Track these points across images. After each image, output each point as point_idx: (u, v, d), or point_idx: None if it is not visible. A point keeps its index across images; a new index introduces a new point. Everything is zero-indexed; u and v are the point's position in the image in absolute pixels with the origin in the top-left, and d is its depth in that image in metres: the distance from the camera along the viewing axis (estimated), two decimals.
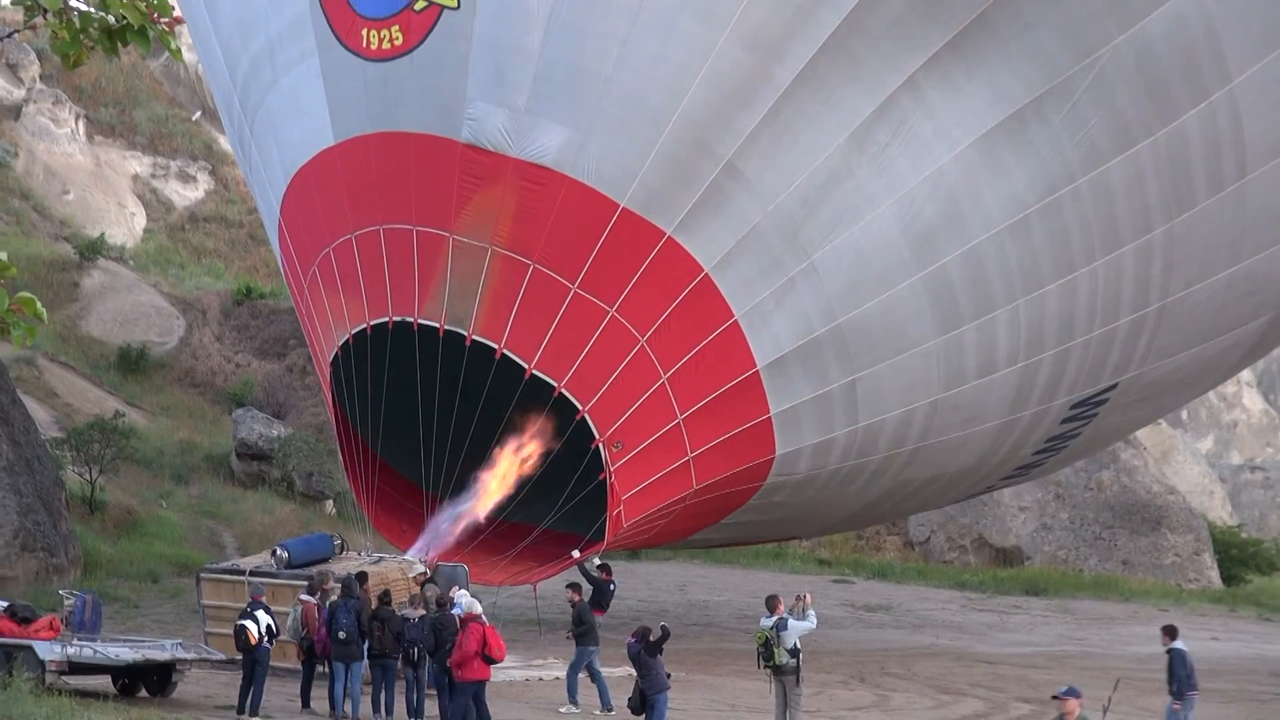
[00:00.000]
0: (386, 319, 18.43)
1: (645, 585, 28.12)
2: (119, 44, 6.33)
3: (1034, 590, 30.78)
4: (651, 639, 15.40)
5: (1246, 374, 57.14)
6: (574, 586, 17.65)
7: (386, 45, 18.28)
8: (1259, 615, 30.39)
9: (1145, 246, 18.81)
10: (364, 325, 18.58)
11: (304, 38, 17.99)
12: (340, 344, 18.62)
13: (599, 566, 19.07)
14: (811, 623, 16.56)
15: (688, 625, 24.42)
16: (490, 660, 15.39)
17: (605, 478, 18.07)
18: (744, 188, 17.98)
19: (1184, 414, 50.24)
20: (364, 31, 18.19)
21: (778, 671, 16.27)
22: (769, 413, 18.70)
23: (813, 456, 19.51)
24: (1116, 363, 20.19)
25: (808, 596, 16.86)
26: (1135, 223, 18.54)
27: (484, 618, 15.44)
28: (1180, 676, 16.05)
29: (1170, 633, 16.55)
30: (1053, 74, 17.99)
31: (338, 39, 18.27)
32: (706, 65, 17.57)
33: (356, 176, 18.29)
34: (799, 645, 16.31)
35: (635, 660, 15.65)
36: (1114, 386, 20.67)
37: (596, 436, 18.14)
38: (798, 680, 16.39)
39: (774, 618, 16.24)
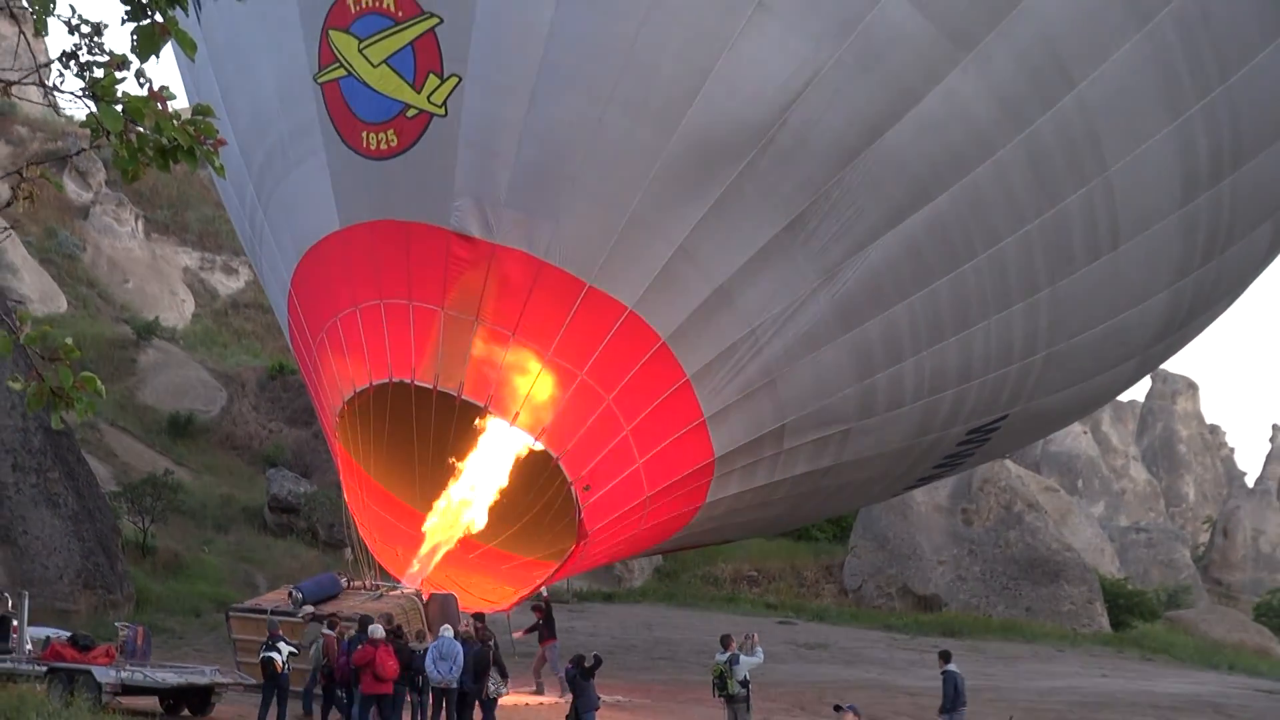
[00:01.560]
0: (387, 379, 17.87)
1: (618, 625, 28.09)
2: (171, 161, 6.22)
3: (950, 632, 30.64)
4: (585, 665, 15.74)
5: (1132, 449, 56.84)
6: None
7: (384, 146, 17.59)
8: (1142, 656, 30.64)
9: (1033, 305, 18.47)
10: (368, 384, 18.08)
11: (312, 137, 17.47)
12: (346, 399, 18.25)
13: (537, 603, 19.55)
14: (759, 658, 16.96)
15: (654, 659, 24.37)
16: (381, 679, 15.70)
17: (576, 515, 17.72)
18: (693, 267, 17.30)
19: (1079, 483, 49.60)
20: (364, 134, 17.57)
21: (730, 700, 16.58)
22: (713, 456, 18.36)
23: (740, 482, 19.36)
24: (1008, 398, 19.97)
25: (755, 635, 17.22)
26: (1024, 286, 18.15)
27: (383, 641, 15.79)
28: (948, 695, 16.37)
29: (944, 658, 16.88)
30: (954, 159, 17.17)
31: (341, 139, 17.69)
32: (658, 165, 16.77)
33: (360, 257, 17.83)
34: (749, 677, 16.68)
35: (571, 683, 15.99)
36: (1005, 417, 20.52)
37: (569, 481, 17.61)
38: (748, 708, 16.68)
39: (727, 653, 16.64)
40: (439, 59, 16.82)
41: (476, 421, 17.83)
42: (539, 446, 17.67)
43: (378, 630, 15.59)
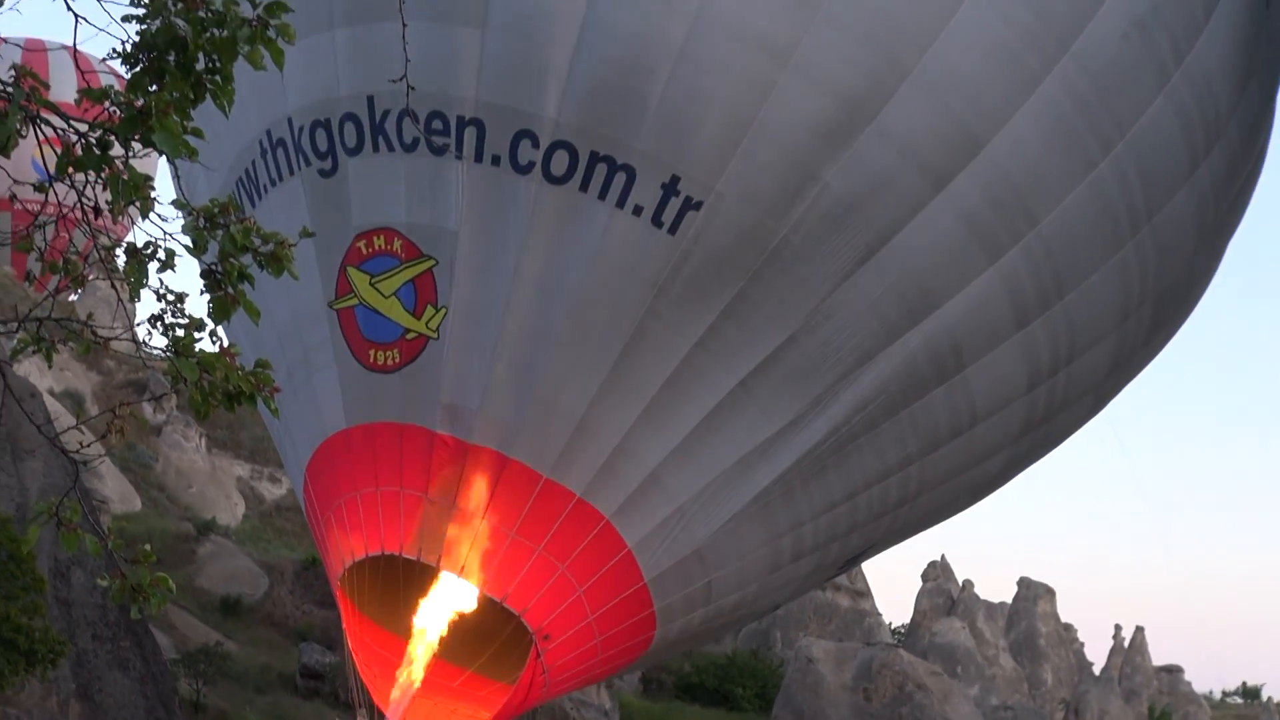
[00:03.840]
0: (380, 552, 17.95)
1: None
2: (235, 404, 6.36)
3: None
4: None
5: (1002, 642, 58.19)
6: None
7: (388, 362, 17.59)
8: None
9: (905, 475, 19.08)
10: (364, 555, 18.17)
11: (327, 353, 18.06)
12: (347, 567, 18.50)
13: None
14: None
15: None
16: None
17: (539, 656, 17.87)
18: (631, 462, 17.45)
19: (959, 669, 50.41)
20: (371, 351, 17.62)
21: None
22: (653, 608, 18.59)
23: (683, 626, 19.63)
24: (881, 536, 21.04)
25: None
26: (900, 459, 18.71)
27: None
28: None
29: None
30: (844, 372, 17.42)
31: (352, 356, 17.73)
32: (598, 383, 16.99)
33: (361, 452, 18.06)
34: None
35: None
36: (874, 545, 21.58)
37: (531, 633, 17.78)
38: None
39: None
40: (434, 292, 17.17)
41: (452, 587, 18.11)
42: (506, 606, 17.85)
43: None
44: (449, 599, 18.33)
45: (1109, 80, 16.38)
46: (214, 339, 6.48)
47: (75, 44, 6.65)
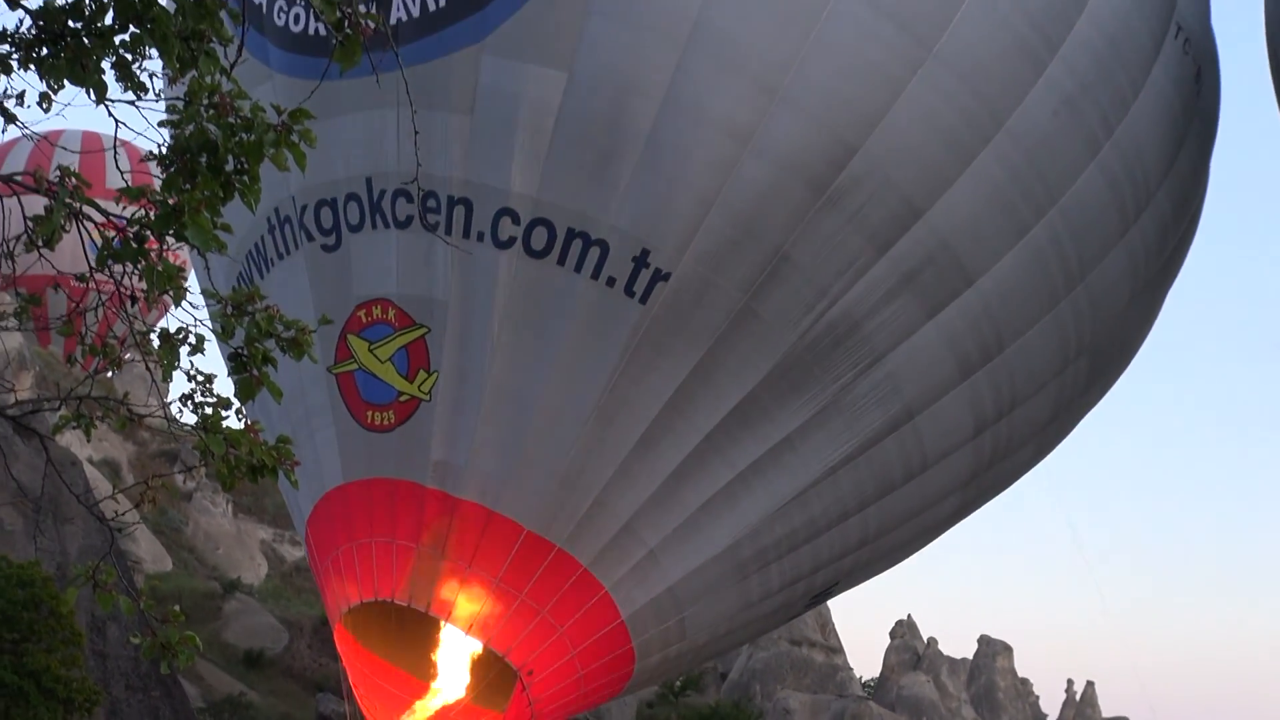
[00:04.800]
0: (374, 598, 17.97)
1: None
2: (259, 476, 6.45)
3: None
4: None
5: (964, 694, 59.72)
6: None
7: (383, 422, 17.66)
8: None
9: (864, 517, 19.07)
10: (359, 601, 18.20)
11: (326, 414, 18.19)
12: (344, 612, 18.55)
13: None
14: None
15: None
16: None
17: (525, 690, 17.86)
18: (607, 514, 17.41)
19: (924, 719, 51.31)
20: (368, 412, 17.72)
21: None
22: (631, 644, 18.52)
23: (660, 659, 19.59)
24: (845, 574, 20.87)
25: None
26: (858, 502, 18.69)
27: None
28: None
29: None
30: (805, 419, 17.45)
31: (351, 416, 17.81)
32: (579, 440, 16.91)
33: (357, 506, 18.10)
34: None
35: None
36: (839, 583, 21.37)
37: (516, 670, 17.79)
38: None
39: None
40: (426, 358, 17.22)
41: (440, 631, 18.23)
42: (491, 649, 17.89)
43: None
44: (441, 642, 18.43)
45: (1041, 152, 16.70)
46: (239, 416, 6.55)
47: (115, 147, 7.19)
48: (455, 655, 18.94)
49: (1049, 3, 16.48)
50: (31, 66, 5.69)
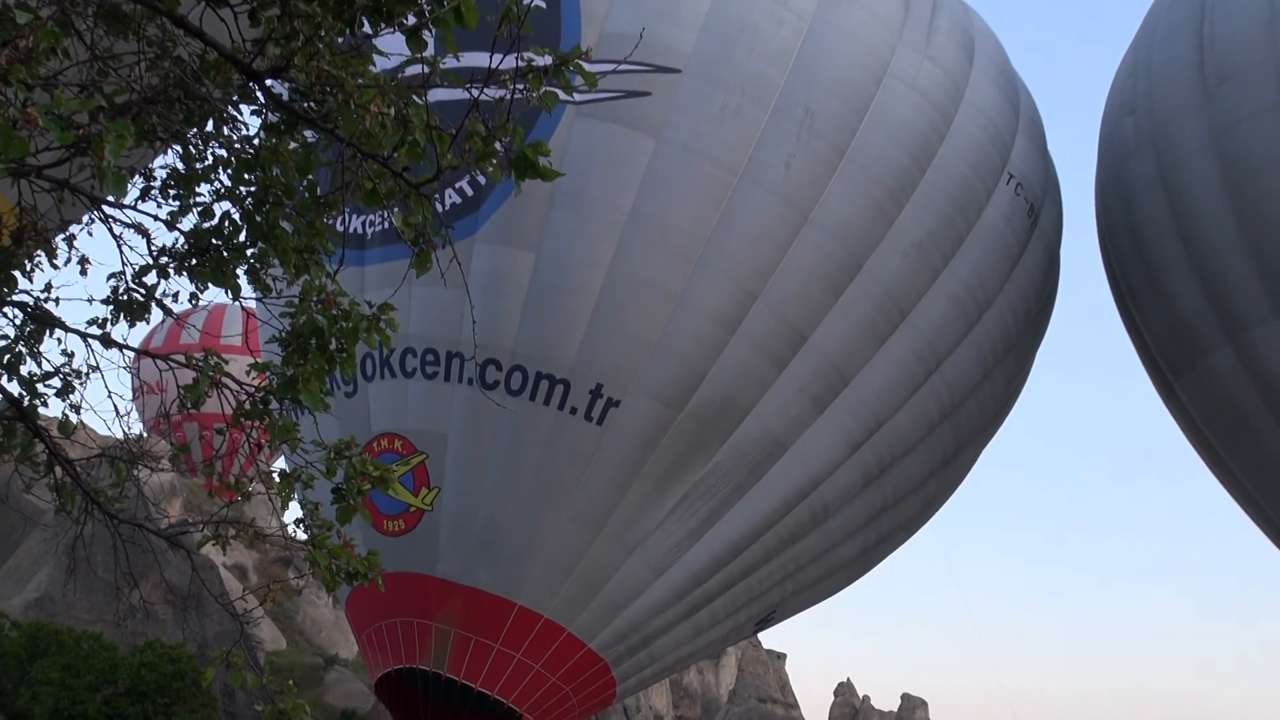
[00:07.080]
0: (402, 665, 20.66)
1: None
2: (354, 580, 7.38)
3: None
4: None
5: None
6: None
7: (397, 529, 20.44)
8: None
9: (783, 559, 21.96)
10: (390, 668, 20.93)
11: (355, 523, 20.52)
12: (379, 677, 21.28)
13: None
14: None
15: None
16: None
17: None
18: (579, 584, 20.53)
19: None
20: (385, 521, 20.54)
21: None
22: (612, 673, 21.54)
23: (637, 679, 22.49)
24: (778, 604, 23.49)
25: None
26: (778, 545, 21.64)
27: None
28: None
29: None
30: (726, 501, 20.57)
31: (372, 526, 20.61)
32: (553, 537, 20.11)
33: (382, 594, 20.50)
34: None
35: None
36: (775, 612, 23.87)
37: (519, 712, 20.61)
38: None
39: None
40: (428, 477, 20.15)
41: (454, 688, 20.47)
42: (499, 698, 20.50)
43: None
44: (458, 696, 20.91)
45: (895, 284, 20.77)
46: (339, 535, 7.43)
47: (246, 339, 9.72)
48: (469, 702, 20.96)
49: (898, 171, 20.26)
50: (184, 273, 6.58)
